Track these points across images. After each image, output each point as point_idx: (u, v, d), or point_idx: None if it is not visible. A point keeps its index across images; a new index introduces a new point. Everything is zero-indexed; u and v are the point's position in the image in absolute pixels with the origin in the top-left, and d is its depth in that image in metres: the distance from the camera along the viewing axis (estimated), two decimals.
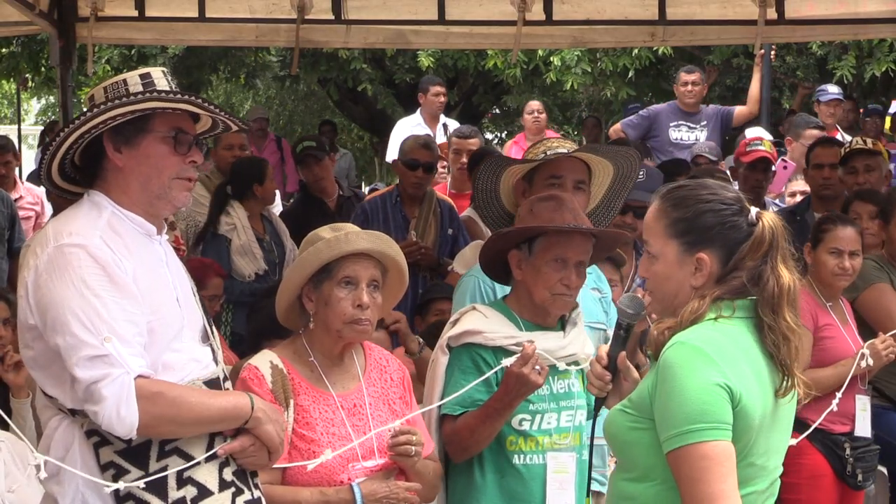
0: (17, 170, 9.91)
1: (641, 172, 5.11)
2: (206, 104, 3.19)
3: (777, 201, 8.42)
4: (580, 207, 4.25)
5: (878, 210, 6.02)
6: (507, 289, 4.07)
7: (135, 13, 7.65)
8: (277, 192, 8.09)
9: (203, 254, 6.78)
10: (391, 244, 3.73)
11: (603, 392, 3.17)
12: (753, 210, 2.93)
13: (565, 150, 4.42)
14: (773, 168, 8.17)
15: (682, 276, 2.93)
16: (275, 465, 3.37)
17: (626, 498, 2.94)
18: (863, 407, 5.38)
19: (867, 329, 5.54)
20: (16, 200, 8.51)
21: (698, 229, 2.91)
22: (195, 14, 7.65)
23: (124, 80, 3.16)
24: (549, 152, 4.41)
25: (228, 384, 3.31)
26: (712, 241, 2.90)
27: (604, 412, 3.23)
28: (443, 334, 3.98)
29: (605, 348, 3.20)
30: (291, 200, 9.47)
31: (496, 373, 3.80)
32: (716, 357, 2.77)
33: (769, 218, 2.92)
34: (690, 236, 2.92)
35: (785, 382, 2.87)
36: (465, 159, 7.56)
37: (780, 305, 2.85)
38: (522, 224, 3.98)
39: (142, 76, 3.17)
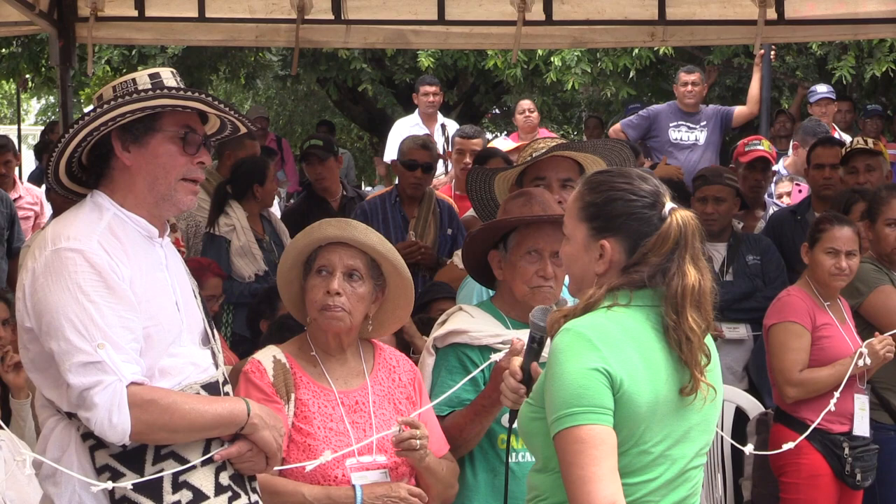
0: (16, 170, 9.91)
1: None
2: (216, 102, 3.15)
3: (776, 199, 8.41)
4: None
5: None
6: None
7: (135, 13, 7.66)
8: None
9: (203, 255, 6.78)
10: (367, 232, 3.70)
11: (517, 405, 3.20)
12: (668, 205, 2.90)
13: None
14: (774, 168, 8.16)
15: (587, 260, 2.93)
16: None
17: (532, 488, 2.97)
18: (861, 406, 5.37)
19: (867, 329, 5.53)
20: (15, 200, 8.51)
21: (605, 216, 2.91)
22: (195, 14, 7.66)
23: (133, 80, 3.13)
24: (534, 154, 4.44)
25: (228, 388, 3.29)
26: (618, 230, 2.89)
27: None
28: (430, 335, 3.99)
29: (518, 361, 3.24)
30: (292, 200, 9.46)
31: (483, 371, 3.80)
32: (598, 342, 2.77)
33: (681, 215, 2.88)
34: (597, 222, 2.91)
35: (690, 382, 2.84)
36: (468, 159, 7.57)
37: (684, 306, 2.83)
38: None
39: (151, 75, 3.14)
